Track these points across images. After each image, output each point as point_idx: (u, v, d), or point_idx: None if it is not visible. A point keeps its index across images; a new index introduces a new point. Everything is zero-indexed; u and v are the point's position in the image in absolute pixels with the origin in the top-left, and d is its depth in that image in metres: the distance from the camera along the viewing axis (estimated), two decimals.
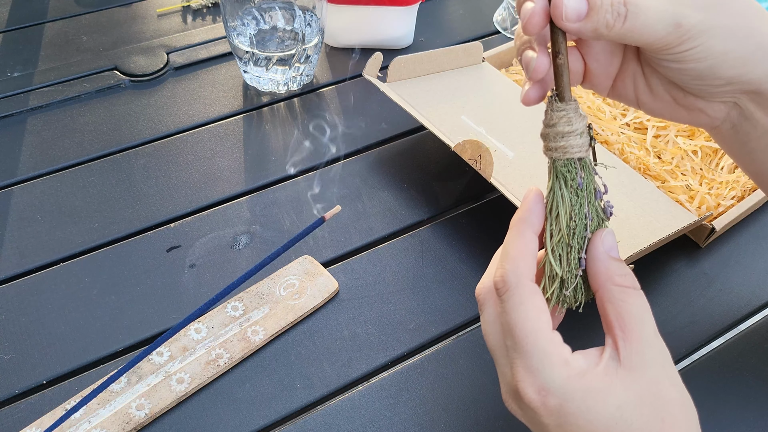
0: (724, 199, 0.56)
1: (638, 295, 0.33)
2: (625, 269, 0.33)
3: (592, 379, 0.31)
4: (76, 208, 0.56)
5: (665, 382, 0.31)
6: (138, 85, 0.69)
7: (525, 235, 0.34)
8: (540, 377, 0.32)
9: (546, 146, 0.34)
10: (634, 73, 0.39)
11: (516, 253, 0.34)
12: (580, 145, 0.33)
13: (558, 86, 0.33)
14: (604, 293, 0.33)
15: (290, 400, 0.45)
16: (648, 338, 0.32)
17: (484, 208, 0.58)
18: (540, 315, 0.32)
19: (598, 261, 0.33)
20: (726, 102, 0.38)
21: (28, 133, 0.63)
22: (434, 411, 0.45)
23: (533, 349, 0.32)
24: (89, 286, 0.51)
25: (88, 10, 0.78)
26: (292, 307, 0.49)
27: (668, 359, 0.32)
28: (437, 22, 0.79)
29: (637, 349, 0.31)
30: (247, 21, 0.65)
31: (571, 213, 0.33)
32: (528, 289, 0.33)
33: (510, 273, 0.33)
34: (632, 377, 0.31)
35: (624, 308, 0.32)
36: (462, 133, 0.57)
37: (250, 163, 0.61)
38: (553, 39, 0.32)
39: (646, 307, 0.33)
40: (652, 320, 0.32)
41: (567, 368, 0.31)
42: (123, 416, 0.43)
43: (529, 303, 0.33)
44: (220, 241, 0.54)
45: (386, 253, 0.54)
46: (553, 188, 0.34)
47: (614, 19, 0.32)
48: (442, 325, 0.49)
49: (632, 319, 0.32)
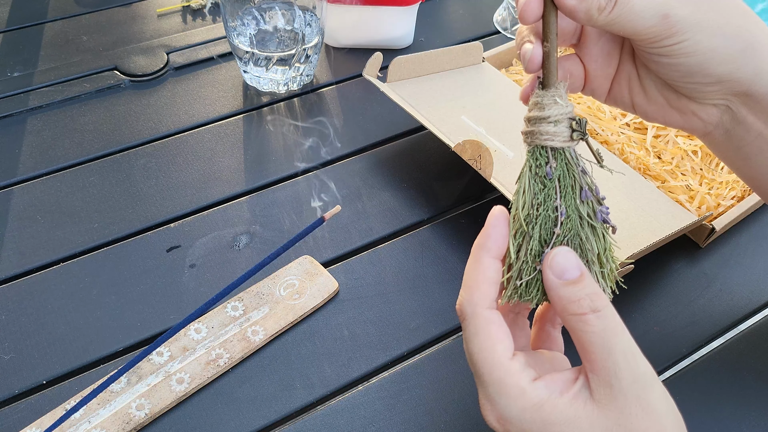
0: (724, 199, 0.56)
1: (599, 318, 0.30)
2: (580, 292, 0.31)
3: (551, 411, 0.30)
4: (76, 208, 0.56)
5: (638, 414, 0.30)
6: (138, 85, 0.69)
7: (482, 261, 0.33)
8: (497, 407, 0.31)
9: (522, 131, 0.34)
10: (630, 74, 0.39)
11: (471, 282, 0.33)
12: (553, 133, 0.32)
13: (543, 71, 0.33)
14: (565, 323, 0.32)
15: (290, 400, 0.45)
16: (615, 367, 0.30)
17: (484, 208, 0.58)
18: (495, 345, 0.32)
19: (550, 290, 0.32)
20: (717, 105, 0.38)
21: (28, 133, 0.63)
22: (434, 411, 0.45)
23: (489, 380, 0.32)
24: (89, 286, 0.51)
25: (88, 10, 0.78)
26: (292, 307, 0.49)
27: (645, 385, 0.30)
28: (437, 22, 0.79)
29: (605, 381, 0.30)
30: (247, 21, 0.65)
31: (533, 202, 0.32)
32: (483, 319, 0.32)
33: (465, 303, 0.33)
34: (600, 410, 0.30)
35: (585, 338, 0.30)
36: (462, 133, 0.57)
37: (250, 163, 0.61)
38: (544, 26, 0.33)
39: (610, 329, 0.30)
40: (621, 342, 0.30)
41: (523, 399, 0.31)
42: (123, 416, 0.43)
43: (483, 334, 0.32)
44: (220, 241, 0.54)
45: (386, 253, 0.54)
46: (521, 174, 0.33)
47: (606, 2, 0.33)
48: (442, 325, 0.49)
49: (595, 349, 0.30)
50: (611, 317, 0.31)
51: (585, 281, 0.31)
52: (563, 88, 0.33)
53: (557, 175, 0.32)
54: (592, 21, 0.34)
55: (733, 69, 0.35)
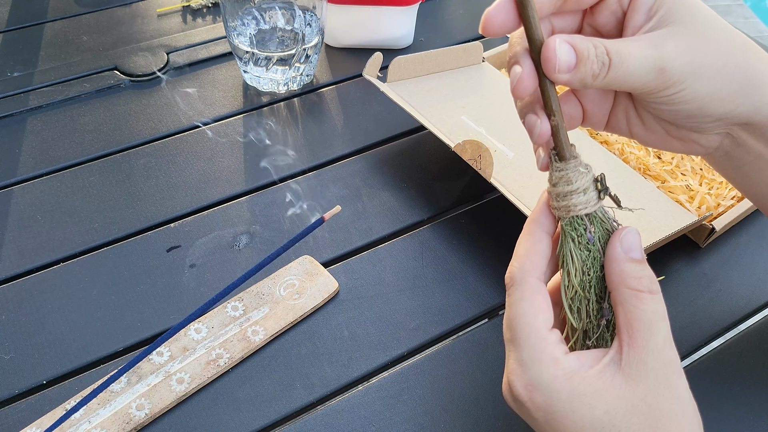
0: (724, 199, 0.56)
1: (653, 300, 0.32)
2: (642, 271, 0.32)
3: (580, 381, 0.31)
4: (76, 208, 0.56)
5: (665, 394, 0.31)
6: (138, 85, 0.69)
7: (534, 234, 0.34)
8: (528, 373, 0.32)
9: (551, 206, 0.34)
10: (627, 108, 0.39)
11: (523, 252, 0.34)
12: (585, 201, 0.33)
13: (556, 145, 0.33)
14: (617, 296, 0.33)
15: (290, 400, 0.45)
16: (653, 347, 0.31)
17: (484, 208, 0.58)
18: (537, 313, 0.33)
19: (614, 262, 0.33)
20: (719, 133, 0.38)
21: (28, 133, 0.63)
22: (434, 411, 0.45)
23: (525, 344, 0.32)
24: (89, 286, 0.51)
25: (88, 10, 0.78)
26: (292, 307, 0.49)
27: (675, 371, 0.31)
28: (437, 22, 0.79)
29: (640, 358, 0.31)
30: (247, 21, 0.65)
31: (583, 269, 0.33)
32: (530, 287, 0.33)
33: (516, 270, 0.34)
34: (628, 385, 0.31)
35: (634, 313, 0.32)
36: (462, 133, 0.57)
37: (251, 164, 0.61)
38: (546, 101, 0.33)
39: (659, 313, 0.32)
40: (664, 328, 0.32)
41: (555, 367, 0.32)
42: (123, 416, 0.43)
43: (528, 300, 0.33)
44: (220, 241, 0.54)
45: (386, 253, 0.54)
46: (563, 246, 0.34)
47: (599, 68, 0.32)
48: (442, 325, 0.49)
49: (640, 326, 0.31)
50: (661, 304, 0.32)
51: (646, 264, 0.33)
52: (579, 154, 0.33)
53: (597, 237, 0.33)
54: (587, 87, 0.34)
55: (732, 108, 0.35)
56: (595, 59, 0.32)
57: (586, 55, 0.32)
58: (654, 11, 0.34)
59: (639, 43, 0.33)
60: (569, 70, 0.32)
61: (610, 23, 0.36)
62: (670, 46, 0.33)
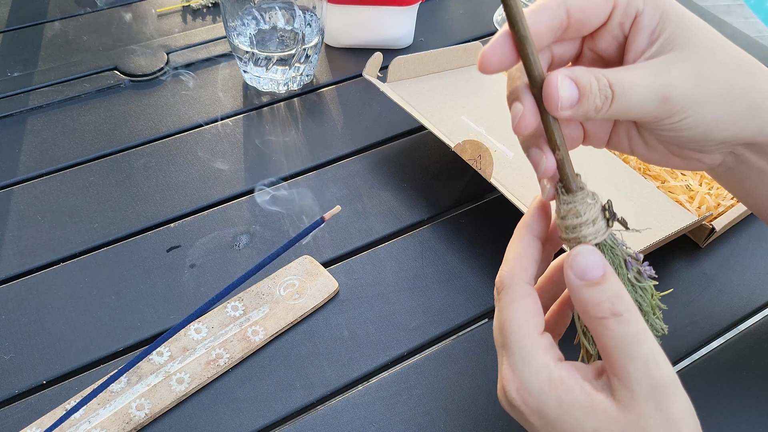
0: (724, 199, 0.56)
1: (619, 323, 0.30)
2: (600, 294, 0.31)
3: (568, 392, 0.31)
4: (76, 208, 0.56)
5: (659, 418, 0.29)
6: (138, 85, 0.69)
7: (524, 238, 0.34)
8: (520, 376, 0.32)
9: (561, 238, 0.34)
10: (628, 129, 0.39)
11: (513, 256, 0.34)
12: (595, 232, 0.32)
13: (562, 179, 0.33)
14: (586, 324, 0.32)
15: (290, 400, 0.45)
16: (635, 374, 0.30)
17: (484, 208, 0.58)
18: (527, 316, 0.32)
19: (571, 292, 0.32)
20: (722, 152, 0.38)
21: (28, 133, 0.63)
22: (434, 411, 0.45)
23: (516, 348, 0.32)
24: (89, 286, 0.51)
25: (88, 10, 0.78)
26: (292, 307, 0.49)
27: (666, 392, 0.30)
28: (437, 22, 0.79)
29: (625, 385, 0.30)
30: (247, 21, 0.65)
31: None
32: (520, 291, 0.33)
33: (506, 275, 0.34)
34: (619, 410, 0.30)
35: (604, 342, 0.31)
36: (462, 133, 0.57)
37: (251, 164, 0.61)
38: (549, 135, 0.32)
39: (632, 335, 0.30)
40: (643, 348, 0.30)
41: (546, 372, 0.31)
42: (123, 416, 0.43)
43: (518, 303, 0.33)
44: (220, 241, 0.54)
45: (386, 253, 0.54)
46: None
47: (602, 102, 0.32)
48: (442, 325, 0.49)
49: (614, 353, 0.30)
50: (633, 322, 0.30)
51: (607, 283, 0.31)
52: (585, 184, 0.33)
53: None
54: (590, 120, 0.33)
55: (736, 131, 0.35)
56: (597, 93, 0.32)
57: (589, 89, 0.32)
58: (656, 35, 0.34)
59: (641, 71, 0.33)
60: (572, 106, 0.32)
61: (611, 47, 0.35)
62: (674, 74, 0.33)
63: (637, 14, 0.34)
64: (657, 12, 0.34)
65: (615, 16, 0.34)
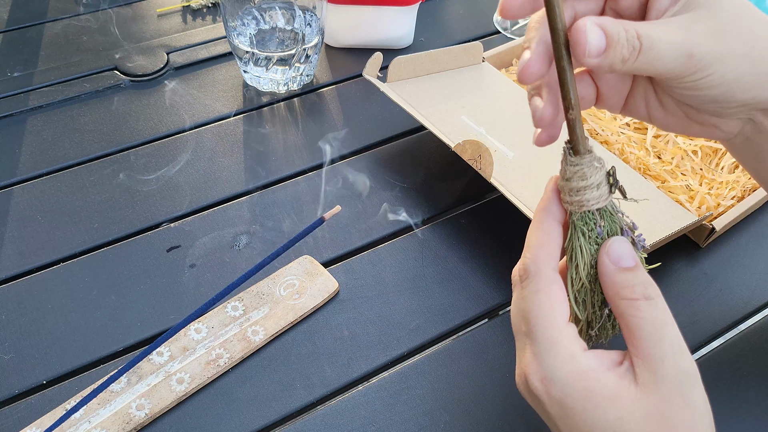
0: (724, 199, 0.56)
1: (649, 306, 0.31)
2: (633, 279, 0.32)
3: (595, 382, 0.31)
4: (76, 208, 0.56)
5: (679, 404, 0.30)
6: (138, 85, 0.69)
7: (545, 223, 0.34)
8: (544, 366, 0.31)
9: (563, 199, 0.34)
10: (646, 91, 0.38)
11: (536, 243, 0.34)
12: (598, 197, 0.33)
13: (571, 140, 0.32)
14: (615, 309, 0.32)
15: (290, 400, 0.45)
16: (661, 356, 0.30)
17: (484, 208, 0.58)
18: (554, 305, 0.32)
19: (604, 276, 0.33)
20: (740, 118, 0.37)
21: (28, 133, 0.63)
22: (434, 411, 0.45)
23: (542, 337, 0.32)
24: (89, 286, 0.51)
25: (88, 10, 0.78)
26: (292, 307, 0.49)
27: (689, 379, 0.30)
28: (437, 22, 0.79)
29: (650, 367, 0.30)
30: (247, 21, 0.65)
31: (591, 262, 0.33)
32: (546, 279, 0.33)
33: (530, 262, 0.33)
34: (642, 394, 0.30)
35: (633, 323, 0.31)
36: (462, 133, 0.57)
37: (250, 163, 0.61)
38: (564, 93, 0.31)
39: (660, 319, 0.31)
40: (669, 333, 0.31)
41: (571, 363, 0.31)
42: (123, 416, 0.43)
43: (544, 292, 0.32)
44: (220, 241, 0.54)
45: (386, 253, 0.54)
46: (572, 239, 0.34)
47: (629, 53, 0.32)
48: (442, 325, 0.49)
49: (642, 335, 0.31)
50: (662, 307, 0.31)
51: (639, 270, 0.32)
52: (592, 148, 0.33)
53: (606, 231, 0.33)
54: (615, 71, 0.33)
55: (758, 93, 0.35)
56: (625, 43, 0.31)
57: (617, 39, 0.31)
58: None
59: (668, 26, 0.33)
60: (599, 54, 0.31)
61: (632, 7, 0.35)
62: (699, 30, 0.32)
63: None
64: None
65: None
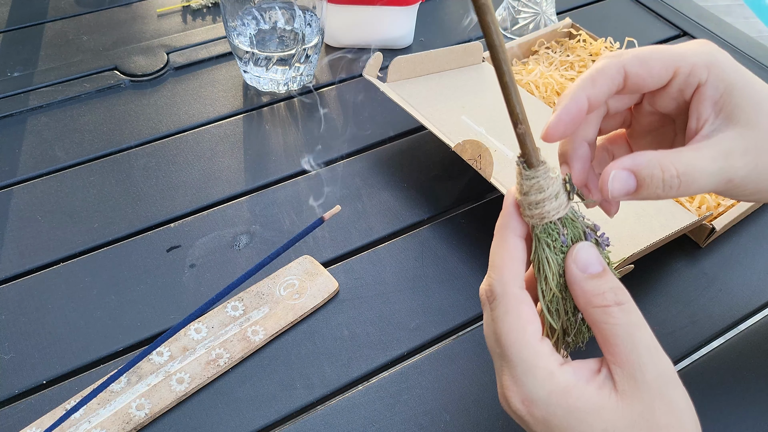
0: (724, 199, 0.56)
1: (622, 311, 0.31)
2: (603, 285, 0.32)
3: (576, 398, 0.31)
4: (76, 208, 0.56)
5: (662, 408, 0.30)
6: (138, 85, 0.69)
7: (508, 241, 0.34)
8: (524, 388, 0.31)
9: (523, 213, 0.34)
10: None
11: (500, 262, 0.33)
12: (557, 206, 0.33)
13: (523, 153, 0.32)
14: (587, 317, 0.32)
15: (290, 400, 0.45)
16: (639, 361, 0.30)
17: (484, 208, 0.58)
18: (525, 326, 0.32)
19: (574, 284, 0.32)
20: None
21: (28, 133, 0.63)
22: (434, 411, 0.45)
23: (518, 360, 0.32)
24: (89, 286, 0.51)
25: (88, 10, 0.78)
26: (292, 307, 0.49)
27: (668, 381, 0.30)
28: (437, 22, 0.79)
29: (629, 374, 0.30)
30: (247, 21, 0.65)
31: (559, 271, 0.33)
32: (514, 299, 0.32)
33: (496, 283, 0.33)
34: (624, 402, 0.30)
35: (608, 330, 0.31)
36: (462, 133, 0.57)
37: (250, 163, 0.61)
38: (510, 109, 0.31)
39: (634, 322, 0.31)
40: (644, 337, 0.31)
41: (551, 382, 0.31)
42: (123, 416, 0.43)
43: (513, 313, 0.32)
44: (220, 241, 0.54)
45: (386, 253, 0.54)
46: (537, 252, 0.34)
47: (666, 191, 0.33)
48: (442, 325, 0.49)
49: (618, 341, 0.31)
50: (634, 312, 0.31)
51: (608, 275, 0.32)
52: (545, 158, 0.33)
53: (570, 238, 0.33)
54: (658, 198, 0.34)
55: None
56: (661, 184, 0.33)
57: (649, 182, 0.32)
58: (720, 106, 0.34)
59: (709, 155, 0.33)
60: (627, 194, 0.33)
61: (670, 107, 0.36)
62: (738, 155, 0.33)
63: (700, 84, 0.34)
64: (721, 84, 0.34)
65: (675, 84, 0.35)
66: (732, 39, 0.77)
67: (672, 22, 0.80)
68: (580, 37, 0.71)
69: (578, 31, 0.71)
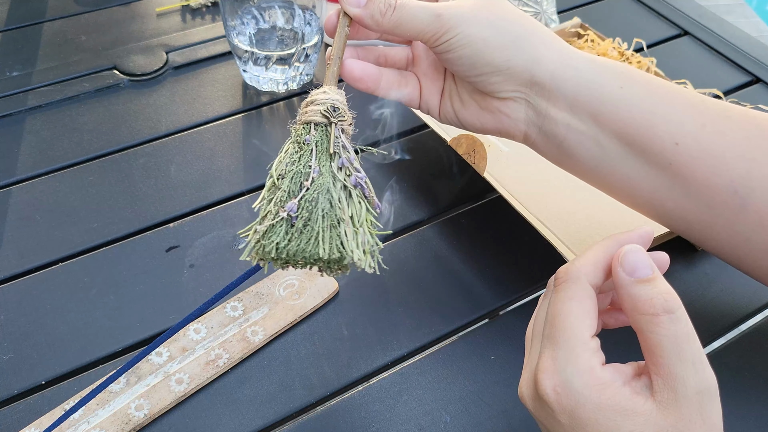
0: None
1: (671, 321, 0.30)
2: (652, 290, 0.31)
3: (610, 396, 0.30)
4: (76, 208, 0.56)
5: (697, 422, 0.29)
6: (137, 84, 0.69)
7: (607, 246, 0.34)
8: (561, 375, 0.31)
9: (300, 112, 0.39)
10: (450, 89, 0.44)
11: (592, 257, 0.34)
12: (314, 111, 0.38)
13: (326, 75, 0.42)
14: (632, 323, 0.32)
15: (290, 401, 0.45)
16: (683, 375, 0.29)
17: (484, 208, 0.58)
18: (584, 317, 0.32)
19: (621, 288, 0.32)
20: (516, 99, 0.40)
21: (27, 133, 0.63)
22: (434, 411, 0.44)
23: (564, 345, 0.32)
24: (88, 286, 0.51)
25: (87, 9, 0.78)
26: (291, 308, 0.49)
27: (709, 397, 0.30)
28: None
29: (670, 386, 0.30)
30: (247, 20, 0.65)
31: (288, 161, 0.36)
32: (584, 290, 0.33)
33: (575, 268, 0.33)
34: (659, 412, 0.30)
35: (653, 340, 0.30)
36: (460, 129, 0.57)
37: (250, 163, 0.61)
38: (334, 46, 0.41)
39: (682, 334, 0.30)
40: (691, 349, 0.30)
41: (589, 376, 0.31)
42: (122, 417, 0.43)
43: (578, 300, 0.32)
44: (219, 241, 0.54)
45: (386, 253, 0.54)
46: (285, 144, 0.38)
47: (386, 8, 0.39)
48: (442, 325, 0.49)
49: (662, 352, 0.30)
50: (684, 321, 0.30)
51: (658, 280, 0.31)
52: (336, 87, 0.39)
53: (314, 141, 0.36)
54: (380, 25, 0.39)
55: (507, 57, 0.39)
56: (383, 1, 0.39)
57: None
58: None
59: None
60: (358, 5, 0.39)
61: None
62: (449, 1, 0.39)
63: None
64: None
65: None
66: (733, 38, 0.77)
67: (673, 21, 0.80)
68: (588, 37, 0.71)
69: (586, 31, 0.71)
